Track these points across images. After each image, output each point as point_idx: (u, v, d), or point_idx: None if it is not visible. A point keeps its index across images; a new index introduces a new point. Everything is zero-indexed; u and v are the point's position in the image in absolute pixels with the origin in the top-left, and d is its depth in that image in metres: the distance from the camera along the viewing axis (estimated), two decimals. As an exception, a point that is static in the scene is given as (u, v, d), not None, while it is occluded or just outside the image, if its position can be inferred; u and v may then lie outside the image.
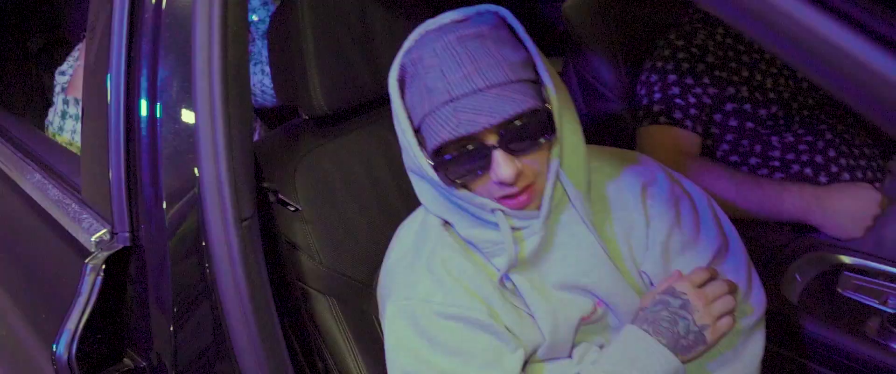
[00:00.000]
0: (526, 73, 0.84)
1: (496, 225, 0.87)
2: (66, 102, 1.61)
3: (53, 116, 1.64)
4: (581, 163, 0.90)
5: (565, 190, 0.89)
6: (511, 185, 0.83)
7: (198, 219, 0.88)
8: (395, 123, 0.88)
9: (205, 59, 0.83)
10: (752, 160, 1.43)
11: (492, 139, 0.82)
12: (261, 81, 1.69)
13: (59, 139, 1.61)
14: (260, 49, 1.72)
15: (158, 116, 0.89)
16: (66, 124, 1.60)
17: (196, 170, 0.87)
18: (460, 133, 0.80)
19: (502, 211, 0.86)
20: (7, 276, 1.32)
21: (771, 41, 0.47)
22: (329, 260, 1.09)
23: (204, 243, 0.88)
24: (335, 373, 1.06)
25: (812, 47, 0.44)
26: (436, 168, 0.85)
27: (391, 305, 0.92)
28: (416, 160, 0.87)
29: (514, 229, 0.88)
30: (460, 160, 0.83)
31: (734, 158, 1.45)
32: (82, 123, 1.03)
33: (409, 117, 0.87)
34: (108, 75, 0.92)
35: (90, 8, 1.02)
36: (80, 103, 1.57)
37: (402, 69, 0.87)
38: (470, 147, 0.82)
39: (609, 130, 1.57)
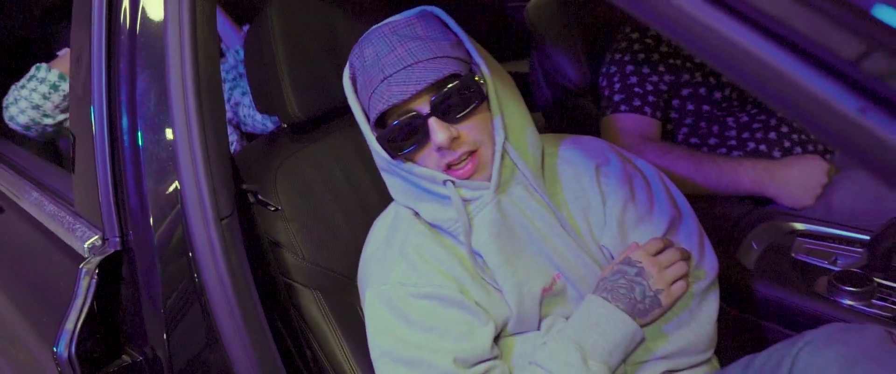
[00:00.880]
0: (454, 52, 0.92)
1: (451, 199, 0.93)
2: (38, 68, 1.59)
3: (22, 80, 1.62)
4: (528, 141, 0.97)
5: (516, 165, 0.95)
6: (450, 150, 0.91)
7: (181, 219, 0.94)
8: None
9: (178, 74, 0.90)
10: (711, 141, 1.49)
11: (425, 108, 0.90)
12: (251, 115, 1.76)
13: (17, 93, 1.59)
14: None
15: (139, 128, 0.95)
16: (29, 83, 1.58)
17: (176, 174, 0.93)
18: (393, 102, 0.89)
19: (452, 182, 0.93)
20: (10, 285, 1.37)
21: (682, 41, 0.49)
22: (312, 256, 1.15)
23: (188, 242, 0.94)
24: (323, 360, 1.11)
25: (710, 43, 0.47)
26: (380, 140, 0.93)
27: (370, 292, 0.98)
28: (374, 144, 0.95)
29: (466, 201, 0.94)
30: (400, 129, 0.91)
31: (694, 139, 1.51)
32: (72, 144, 1.08)
33: (363, 108, 0.96)
34: (92, 97, 0.98)
35: (72, 39, 1.08)
36: (53, 70, 1.56)
37: (352, 68, 0.97)
38: (406, 117, 0.90)
39: (575, 121, 1.63)
